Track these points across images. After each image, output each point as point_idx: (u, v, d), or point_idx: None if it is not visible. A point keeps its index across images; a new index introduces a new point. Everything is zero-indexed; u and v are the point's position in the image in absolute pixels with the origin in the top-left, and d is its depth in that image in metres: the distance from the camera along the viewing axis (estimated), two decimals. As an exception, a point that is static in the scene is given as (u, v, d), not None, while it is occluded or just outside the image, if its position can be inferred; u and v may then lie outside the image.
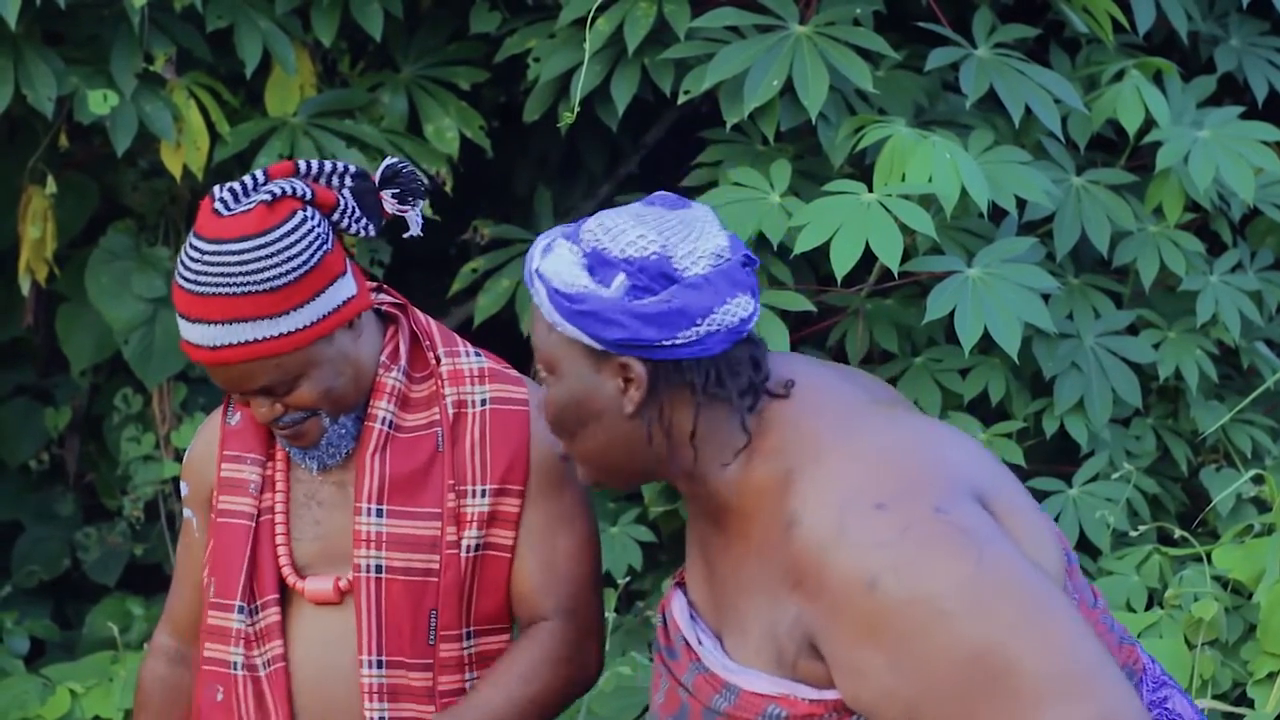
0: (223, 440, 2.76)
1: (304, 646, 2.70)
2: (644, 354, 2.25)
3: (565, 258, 2.28)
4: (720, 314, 2.26)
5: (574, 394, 2.30)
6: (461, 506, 2.66)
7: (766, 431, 2.30)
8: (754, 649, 2.27)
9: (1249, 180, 3.93)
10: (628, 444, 2.31)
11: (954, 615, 2.13)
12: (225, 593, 2.71)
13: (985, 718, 2.12)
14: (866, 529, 2.18)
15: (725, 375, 2.28)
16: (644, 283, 2.24)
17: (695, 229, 2.28)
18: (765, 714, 2.24)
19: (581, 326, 2.25)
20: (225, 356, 2.55)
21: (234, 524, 2.72)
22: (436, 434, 2.68)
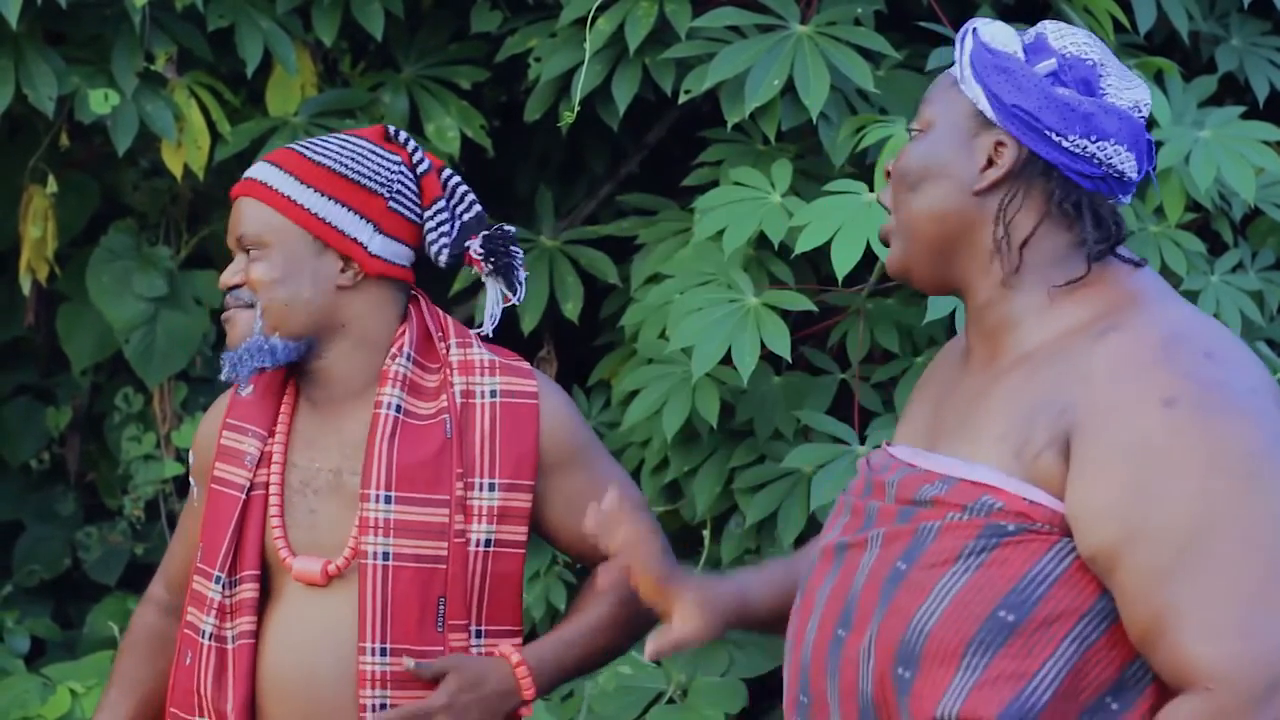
0: (229, 409, 2.79)
1: (281, 627, 2.70)
2: (1027, 137, 2.23)
3: (1007, 30, 2.29)
4: (1111, 148, 2.24)
5: (936, 150, 2.28)
6: (469, 498, 2.67)
7: (1100, 281, 2.27)
8: (992, 440, 2.20)
9: (1250, 180, 3.93)
10: (958, 219, 2.28)
11: (1219, 473, 2.08)
12: (208, 560, 2.73)
13: (1181, 582, 2.06)
14: (1188, 360, 2.14)
15: (1085, 208, 2.26)
16: (1068, 78, 2.25)
17: (1132, 78, 2.29)
18: (979, 502, 2.16)
19: (989, 83, 2.25)
20: (242, 189, 2.75)
21: (225, 494, 2.74)
22: (445, 421, 2.68)
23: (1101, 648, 2.13)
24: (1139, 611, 2.09)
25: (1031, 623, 2.12)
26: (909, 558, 2.19)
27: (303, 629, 2.69)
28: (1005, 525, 2.14)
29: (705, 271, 3.86)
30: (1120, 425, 2.11)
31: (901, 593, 2.18)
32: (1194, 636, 2.05)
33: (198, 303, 4.50)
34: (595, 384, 4.34)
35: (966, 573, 2.15)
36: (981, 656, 2.13)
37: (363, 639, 2.65)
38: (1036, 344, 2.24)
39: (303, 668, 2.68)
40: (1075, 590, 2.13)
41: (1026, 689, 2.12)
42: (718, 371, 3.77)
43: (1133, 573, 2.09)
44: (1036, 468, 2.15)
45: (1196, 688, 2.05)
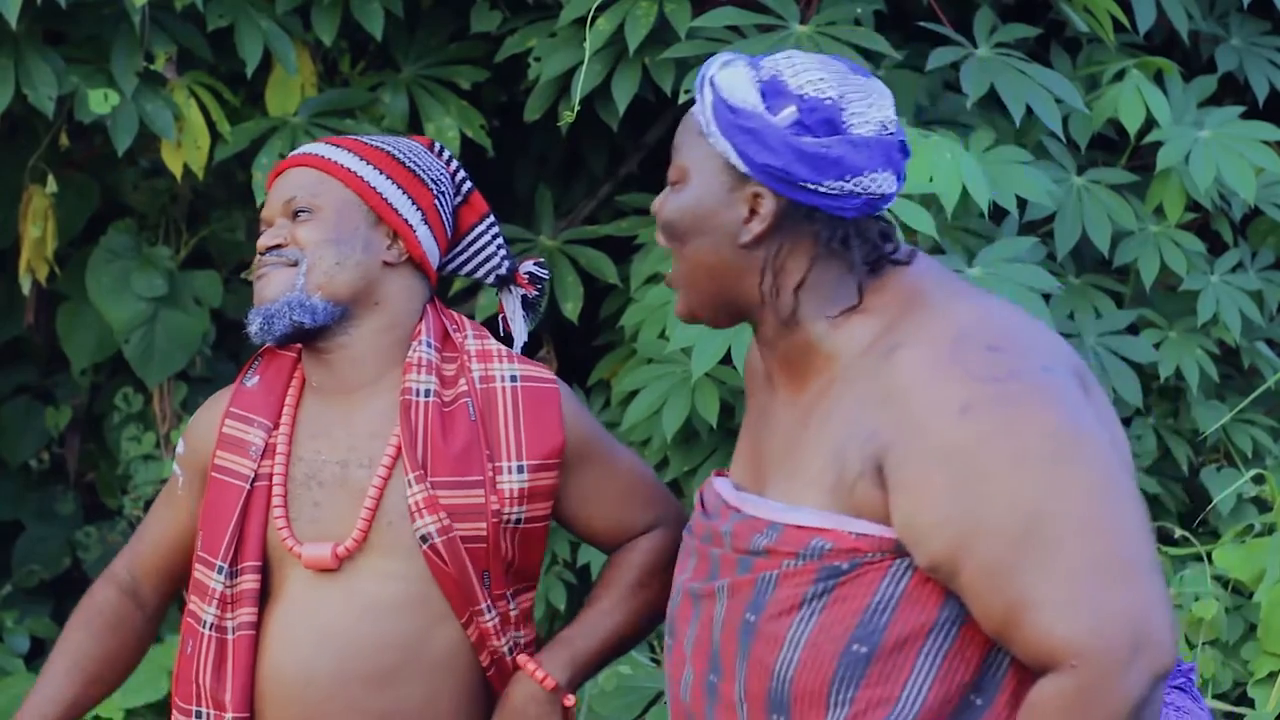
0: (233, 399, 2.79)
1: (282, 623, 2.71)
2: (782, 189, 2.26)
3: (742, 75, 2.29)
4: (868, 179, 2.26)
5: (699, 204, 2.31)
6: (497, 480, 2.68)
7: (878, 292, 2.30)
8: (809, 480, 2.25)
9: (1250, 180, 3.93)
10: (731, 272, 2.31)
11: (1032, 465, 2.13)
12: (210, 550, 2.73)
13: (1025, 572, 2.12)
14: (975, 362, 2.18)
15: (852, 238, 2.29)
16: (810, 122, 2.25)
17: (871, 95, 2.30)
18: (809, 547, 2.22)
19: (736, 142, 2.26)
20: (292, 162, 2.78)
21: (229, 483, 2.73)
22: (467, 404, 2.71)
23: (956, 653, 2.20)
24: (990, 607, 2.14)
25: (884, 649, 2.19)
26: (755, 609, 2.25)
27: (303, 627, 2.70)
28: (839, 565, 2.21)
29: (705, 271, 3.86)
30: (927, 441, 2.16)
31: (757, 645, 2.24)
32: (1048, 619, 2.10)
33: (197, 303, 4.50)
34: (595, 384, 4.34)
35: (813, 616, 2.22)
36: (846, 692, 2.20)
37: (466, 607, 2.70)
38: (834, 371, 2.28)
39: (302, 666, 2.68)
40: (918, 607, 2.19)
41: (895, 712, 2.19)
42: (717, 371, 3.78)
43: (975, 573, 2.14)
44: (855, 498, 2.21)
45: (1061, 667, 2.10)
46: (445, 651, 2.70)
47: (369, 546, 2.69)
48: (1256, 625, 3.60)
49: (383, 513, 2.69)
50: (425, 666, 2.69)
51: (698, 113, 2.31)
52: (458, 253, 2.90)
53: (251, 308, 2.76)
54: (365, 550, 2.69)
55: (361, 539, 2.68)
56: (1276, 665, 3.54)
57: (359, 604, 2.68)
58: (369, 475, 2.69)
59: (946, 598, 2.19)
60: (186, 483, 2.83)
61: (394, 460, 2.69)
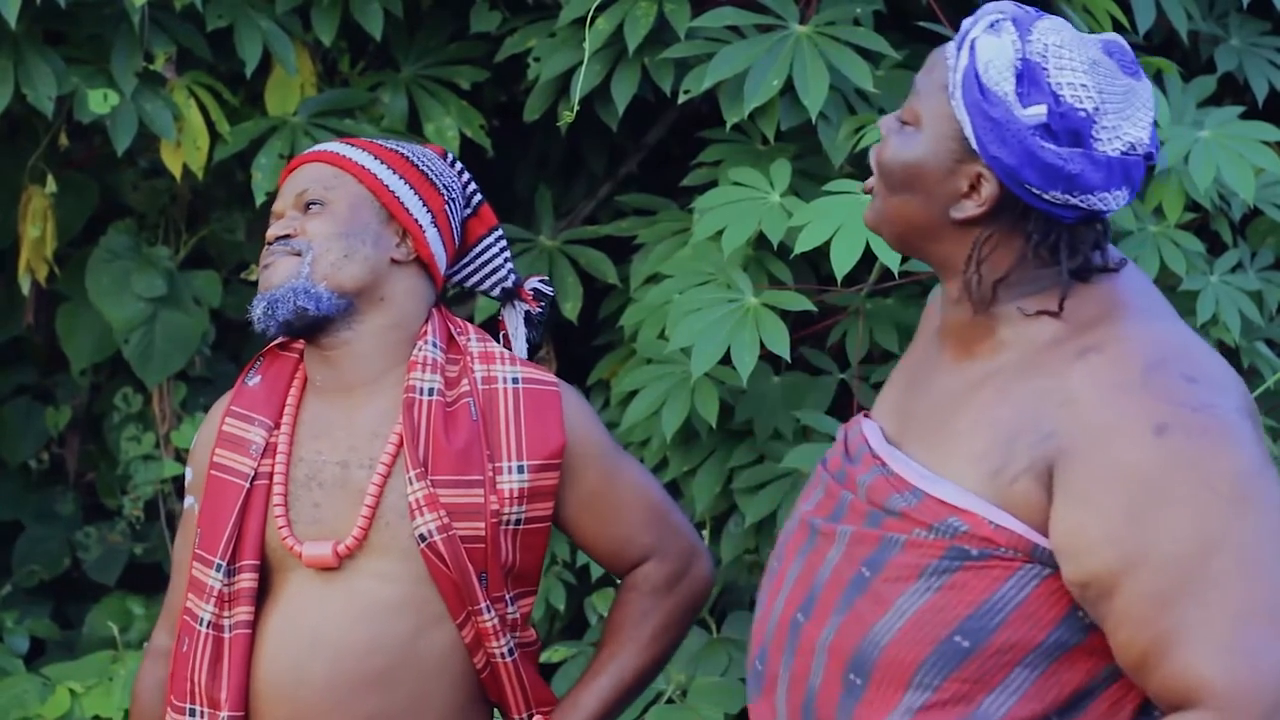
0: (234, 398, 2.79)
1: (278, 625, 2.71)
2: (1007, 183, 2.17)
3: (1006, 50, 2.17)
4: (1098, 197, 2.19)
5: (920, 161, 2.23)
6: (497, 480, 2.68)
7: (1078, 295, 2.23)
8: (966, 457, 2.18)
9: (1249, 180, 3.93)
10: (933, 235, 2.25)
11: (1216, 501, 2.08)
12: (208, 547, 2.73)
13: (1185, 607, 2.07)
14: (1172, 387, 2.12)
15: (1063, 246, 2.21)
16: (1058, 128, 2.16)
17: (1131, 108, 2.19)
18: (944, 523, 2.16)
19: (975, 122, 2.17)
20: (306, 158, 2.82)
21: (229, 481, 2.74)
22: (469, 404, 2.70)
23: (1052, 675, 2.16)
24: (1138, 636, 2.09)
25: (986, 650, 2.14)
26: (873, 565, 2.20)
27: (298, 628, 2.70)
28: (969, 549, 2.15)
29: (704, 271, 3.86)
30: (1112, 454, 2.10)
31: (863, 600, 2.19)
32: (1200, 657, 2.06)
33: (197, 303, 4.49)
34: (594, 384, 4.34)
35: (927, 592, 2.16)
36: (933, 679, 2.15)
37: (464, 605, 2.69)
38: (1014, 357, 2.22)
39: (295, 667, 2.69)
40: (1031, 622, 2.15)
41: (975, 714, 2.15)
42: (717, 371, 3.77)
43: (1133, 599, 2.09)
44: (1012, 493, 2.15)
45: (1203, 707, 2.05)
46: (438, 654, 2.70)
47: (367, 547, 2.69)
48: (1256, 625, 3.60)
49: (382, 512, 2.69)
50: (417, 669, 2.69)
51: (949, 62, 2.21)
52: (464, 264, 2.90)
53: (249, 309, 2.77)
54: (364, 550, 2.69)
55: (361, 537, 2.68)
56: (1276, 665, 3.53)
57: (355, 605, 2.68)
58: (369, 475, 2.69)
59: (1061, 620, 2.15)
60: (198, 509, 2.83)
61: (393, 459, 2.69)
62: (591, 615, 4.22)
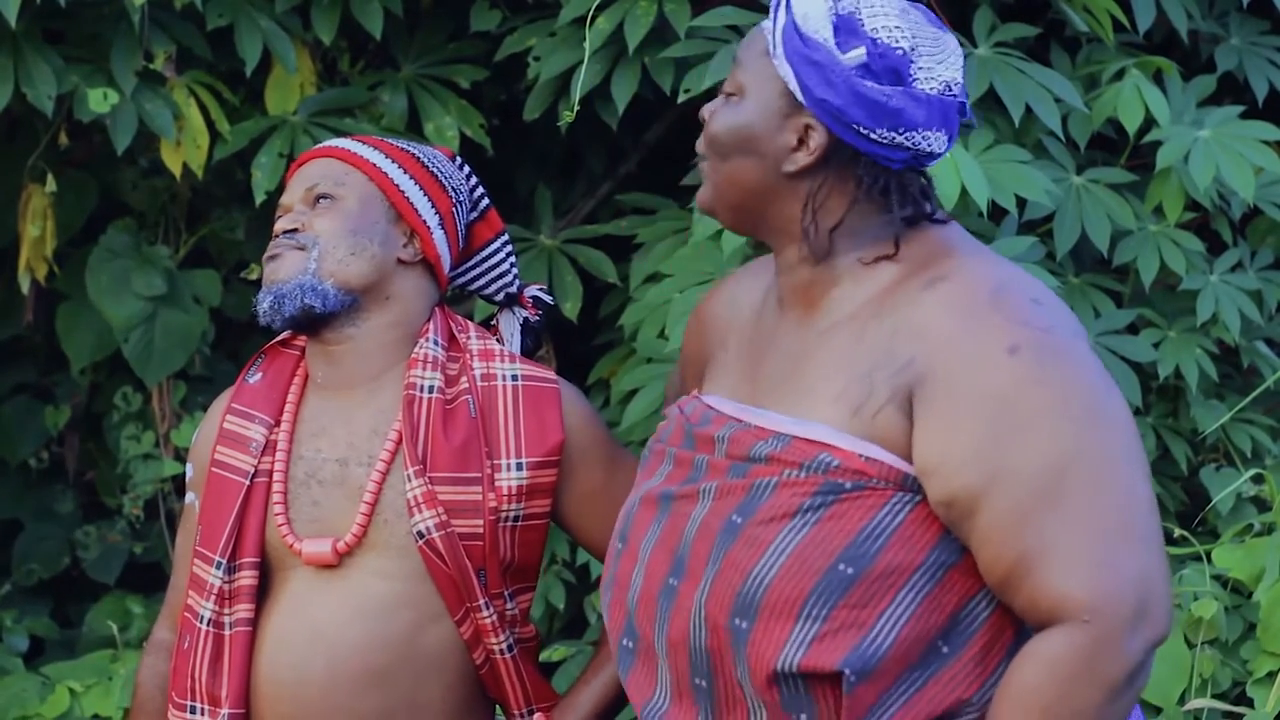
0: (234, 395, 2.80)
1: (278, 623, 2.71)
2: (835, 127, 2.25)
3: (820, 4, 2.27)
4: (920, 135, 2.26)
5: (749, 124, 2.30)
6: (495, 477, 2.68)
7: (911, 242, 2.31)
8: (827, 399, 2.24)
9: (1249, 179, 3.93)
10: (768, 196, 2.32)
11: (1071, 417, 2.15)
12: (209, 545, 2.73)
13: (1046, 522, 2.13)
14: (1020, 308, 2.20)
15: (893, 190, 2.29)
16: (877, 68, 2.24)
17: (943, 53, 2.29)
18: (815, 460, 2.22)
19: (799, 71, 2.26)
20: (315, 153, 2.81)
21: (229, 479, 2.74)
22: (468, 402, 2.70)
23: (934, 598, 2.20)
24: (1002, 554, 2.14)
25: (870, 575, 2.18)
26: (744, 511, 2.23)
27: (298, 625, 2.70)
28: (842, 483, 2.20)
29: (704, 270, 3.86)
30: (968, 375, 2.17)
31: (737, 545, 2.22)
32: (1063, 573, 2.11)
33: (197, 302, 4.49)
34: (594, 383, 4.34)
35: (805, 528, 2.20)
36: (821, 608, 2.18)
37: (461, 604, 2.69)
38: (859, 302, 2.28)
39: (295, 664, 2.69)
40: (909, 544, 2.20)
41: (867, 638, 2.18)
42: (717, 371, 3.77)
43: (995, 516, 2.14)
44: (876, 424, 2.20)
45: (1070, 620, 2.10)
46: (437, 651, 2.71)
47: (366, 544, 2.70)
48: (1256, 624, 3.60)
49: (380, 510, 2.69)
50: (417, 665, 2.69)
51: (767, 30, 2.30)
52: (469, 267, 2.91)
53: (255, 304, 2.76)
54: (362, 548, 2.70)
55: (360, 534, 2.69)
56: (1276, 665, 3.54)
57: (354, 602, 2.68)
58: (368, 473, 2.70)
59: (937, 542, 2.19)
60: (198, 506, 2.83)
61: (392, 456, 2.70)
62: (591, 615, 4.22)
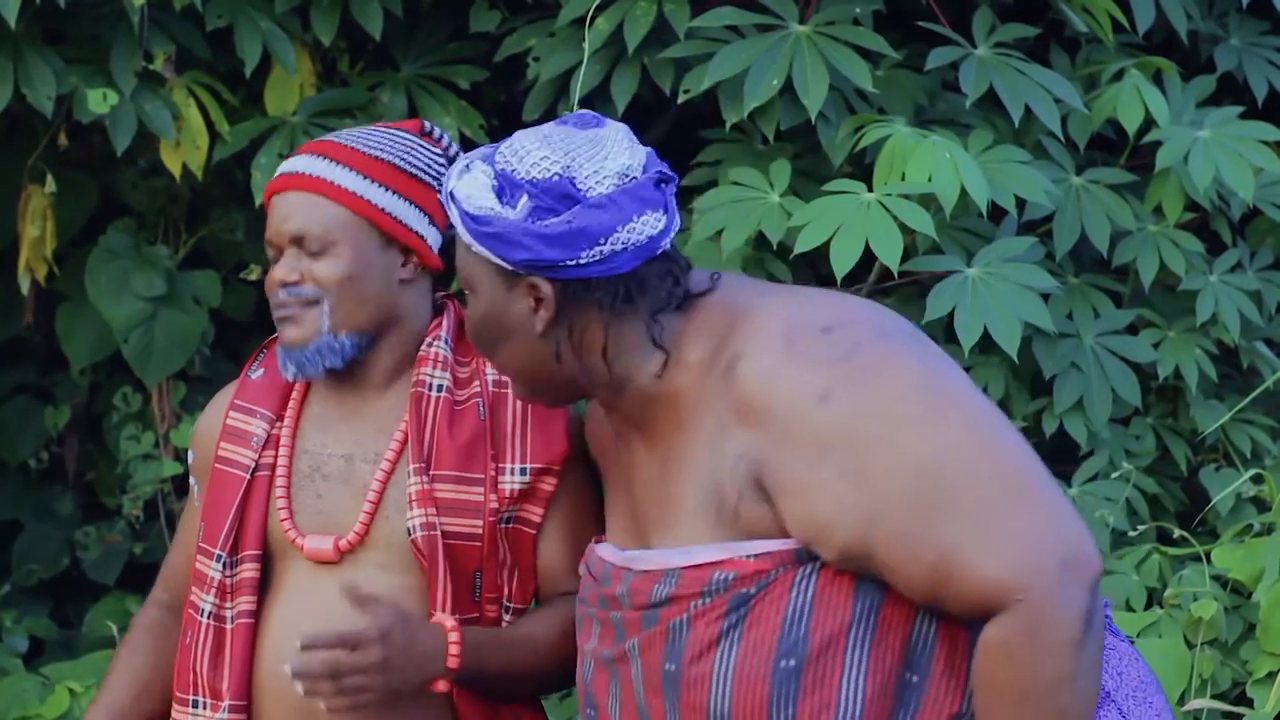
0: (237, 391, 2.80)
1: (282, 613, 2.71)
2: (550, 274, 2.28)
3: (479, 180, 2.31)
4: (625, 232, 2.27)
5: (489, 311, 2.35)
6: (499, 480, 2.68)
7: (693, 322, 2.31)
8: (690, 517, 2.25)
9: (1249, 180, 3.93)
10: (543, 361, 2.35)
11: (905, 423, 2.15)
12: (210, 540, 2.75)
13: (940, 526, 2.13)
14: (814, 348, 2.20)
15: (634, 293, 2.30)
16: (547, 204, 2.27)
17: (603, 148, 2.31)
18: (712, 582, 2.23)
19: (489, 247, 2.30)
20: (292, 182, 2.70)
21: (229, 473, 2.75)
22: (478, 405, 2.71)
23: (879, 641, 2.21)
24: (914, 574, 2.15)
25: (811, 656, 2.20)
26: (673, 657, 2.26)
27: (301, 618, 2.70)
28: (747, 591, 2.22)
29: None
30: (798, 439, 2.17)
31: (684, 690, 2.25)
32: (975, 564, 2.12)
33: (196, 302, 4.49)
34: (594, 383, 4.34)
35: (733, 647, 2.22)
36: (786, 709, 2.20)
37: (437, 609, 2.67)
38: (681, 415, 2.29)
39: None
40: (831, 607, 2.20)
41: (840, 711, 2.20)
42: (716, 371, 3.77)
43: (889, 547, 2.14)
44: (741, 521, 2.22)
45: (1003, 606, 2.11)
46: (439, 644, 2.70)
47: (369, 540, 2.70)
48: (1255, 625, 3.60)
49: (384, 506, 2.70)
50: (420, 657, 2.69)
51: (454, 224, 2.35)
52: None
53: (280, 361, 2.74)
54: (365, 543, 2.70)
55: (364, 532, 2.69)
56: (1275, 665, 3.54)
57: None
58: (373, 469, 2.70)
59: (855, 592, 2.20)
60: (200, 492, 2.84)
61: (398, 455, 2.70)
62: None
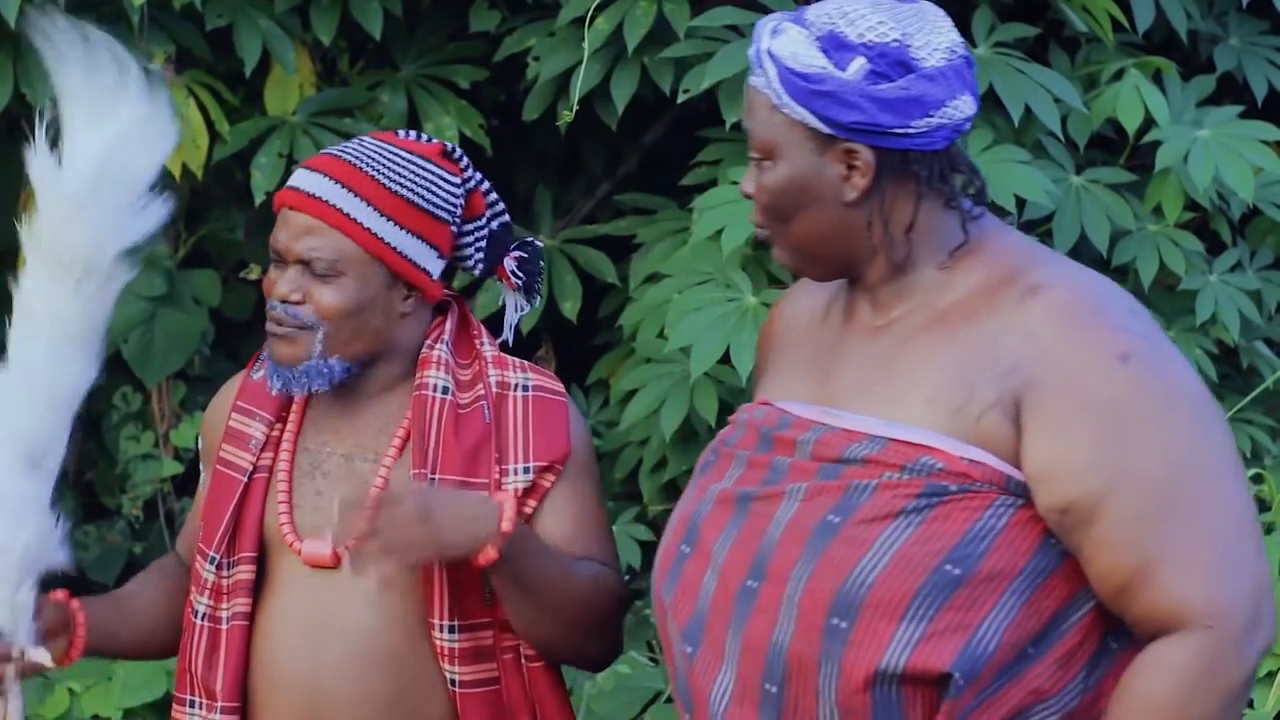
0: (239, 392, 2.81)
1: (281, 613, 2.72)
2: (873, 140, 2.24)
3: (798, 38, 2.25)
4: (950, 107, 2.25)
5: (795, 177, 2.28)
6: (503, 481, 2.68)
7: (983, 240, 2.30)
8: (920, 403, 2.22)
9: (1248, 179, 3.93)
10: (843, 232, 2.29)
11: (1183, 422, 2.16)
12: (207, 541, 2.75)
13: (1166, 527, 2.13)
14: (1124, 317, 2.21)
15: (948, 170, 2.28)
16: (882, 68, 2.23)
17: (929, 22, 2.27)
18: (917, 463, 2.20)
19: (815, 108, 2.23)
20: (304, 203, 2.67)
21: (228, 475, 2.76)
22: (482, 408, 2.71)
23: (1033, 603, 2.19)
24: (1121, 561, 2.14)
25: (977, 576, 2.17)
26: (841, 511, 2.21)
27: (301, 617, 2.70)
28: (946, 485, 2.19)
29: (703, 271, 3.86)
30: (1082, 383, 2.16)
31: (836, 544, 2.20)
32: (1184, 579, 2.12)
33: (196, 302, 4.49)
34: (594, 383, 4.35)
35: (909, 528, 2.18)
36: (928, 609, 2.17)
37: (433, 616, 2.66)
38: (943, 307, 2.28)
39: (306, 656, 2.70)
40: (1013, 549, 2.18)
41: (973, 640, 2.17)
42: (716, 371, 3.78)
43: (1114, 523, 2.14)
44: (979, 428, 2.19)
45: (1191, 627, 2.11)
46: None
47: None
48: (1255, 625, 3.60)
49: None
50: (424, 651, 2.69)
51: (762, 86, 2.27)
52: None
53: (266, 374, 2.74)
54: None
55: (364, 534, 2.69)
56: (1276, 665, 3.53)
57: (358, 591, 2.69)
58: (373, 469, 2.71)
59: (1039, 547, 2.19)
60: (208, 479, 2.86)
61: (399, 453, 2.71)
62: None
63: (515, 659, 2.73)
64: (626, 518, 4.15)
